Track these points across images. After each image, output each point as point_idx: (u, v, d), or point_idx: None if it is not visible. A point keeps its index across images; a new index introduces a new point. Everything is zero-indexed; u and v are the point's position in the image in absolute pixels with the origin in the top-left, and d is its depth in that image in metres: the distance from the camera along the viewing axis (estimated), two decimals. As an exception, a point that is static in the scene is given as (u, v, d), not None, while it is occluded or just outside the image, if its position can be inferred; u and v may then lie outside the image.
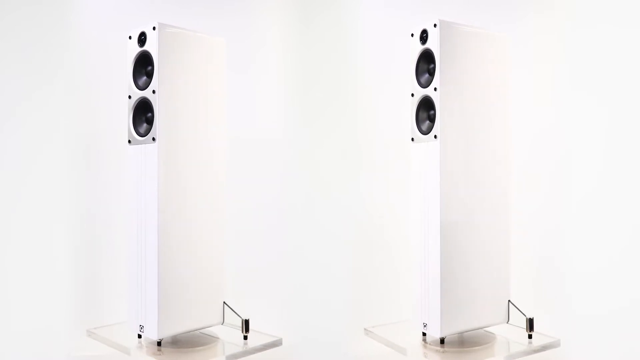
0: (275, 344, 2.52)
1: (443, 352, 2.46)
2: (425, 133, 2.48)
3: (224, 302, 2.52)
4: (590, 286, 2.54)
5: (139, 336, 2.53)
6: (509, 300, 2.49)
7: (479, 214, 2.48)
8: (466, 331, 2.52)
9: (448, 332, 2.45)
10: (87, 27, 2.88)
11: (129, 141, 2.52)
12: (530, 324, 2.47)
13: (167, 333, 2.46)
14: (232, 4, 2.96)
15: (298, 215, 2.77)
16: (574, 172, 2.62)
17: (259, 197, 2.95)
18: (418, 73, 2.51)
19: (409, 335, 2.57)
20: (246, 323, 2.50)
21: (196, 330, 2.56)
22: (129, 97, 2.51)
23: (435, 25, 2.43)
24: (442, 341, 2.48)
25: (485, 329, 2.58)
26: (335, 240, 2.75)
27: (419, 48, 2.51)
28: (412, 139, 2.53)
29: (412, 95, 2.53)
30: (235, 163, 2.81)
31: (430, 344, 2.51)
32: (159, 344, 2.48)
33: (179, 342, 2.53)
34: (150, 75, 2.44)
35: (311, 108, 2.79)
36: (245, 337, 2.51)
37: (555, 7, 2.77)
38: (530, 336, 2.48)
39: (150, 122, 2.44)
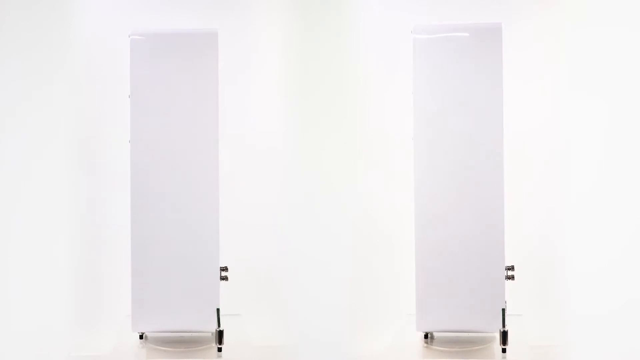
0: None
1: (425, 347, 2.51)
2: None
3: (217, 309, 2.49)
4: (590, 286, 2.54)
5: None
6: (503, 309, 2.44)
7: (463, 217, 2.47)
8: (452, 331, 2.53)
9: (426, 328, 2.50)
10: (88, 26, 2.89)
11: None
12: (504, 337, 2.39)
13: (143, 328, 2.52)
14: (231, 3, 2.96)
15: (299, 217, 2.77)
16: (573, 172, 2.62)
17: (259, 198, 2.95)
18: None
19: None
20: (219, 334, 2.44)
21: (183, 331, 2.56)
22: None
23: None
24: (426, 336, 2.54)
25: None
26: (337, 240, 2.75)
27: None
28: None
29: None
30: (236, 164, 2.81)
31: (425, 339, 2.54)
32: (140, 337, 2.55)
33: (171, 341, 2.55)
34: None
35: (312, 106, 2.79)
36: (220, 349, 2.45)
37: (556, 7, 2.77)
38: (504, 350, 2.40)
39: None
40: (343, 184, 2.75)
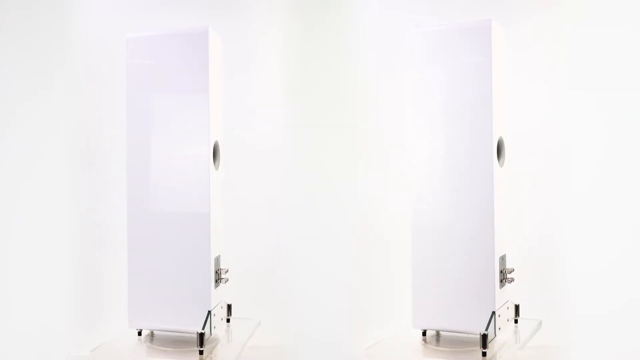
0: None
1: (423, 344, 2.54)
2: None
3: (209, 311, 2.49)
4: (590, 286, 2.54)
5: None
6: (493, 312, 2.43)
7: (457, 217, 2.47)
8: (445, 330, 2.54)
9: (422, 325, 2.53)
10: (88, 27, 2.89)
11: None
12: (483, 339, 2.37)
13: (139, 326, 2.56)
14: (231, 3, 2.97)
15: (299, 217, 2.77)
16: (573, 172, 2.62)
17: (259, 199, 2.95)
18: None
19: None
20: (200, 336, 2.44)
21: (174, 331, 2.57)
22: None
23: None
24: (424, 333, 2.57)
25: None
26: (337, 240, 2.75)
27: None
28: None
29: None
30: (237, 164, 2.81)
31: (424, 337, 2.57)
32: (139, 333, 2.60)
33: (172, 340, 2.56)
34: None
35: (312, 106, 2.79)
36: (201, 352, 2.44)
37: (556, 7, 2.77)
38: (484, 354, 2.37)
39: None
40: (343, 184, 2.75)
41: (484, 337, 2.37)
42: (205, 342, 2.46)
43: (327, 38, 2.78)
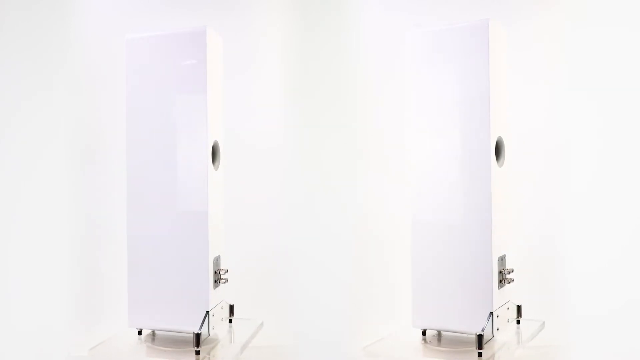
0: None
1: (422, 343, 2.55)
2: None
3: (207, 312, 2.48)
4: (590, 286, 2.54)
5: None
6: (491, 312, 2.43)
7: (454, 219, 2.48)
8: (444, 330, 2.55)
9: (421, 325, 2.55)
10: (88, 27, 2.89)
11: None
12: (479, 340, 2.38)
13: (139, 325, 2.57)
14: (231, 3, 2.96)
15: (298, 216, 2.77)
16: (573, 172, 2.62)
17: (259, 199, 2.95)
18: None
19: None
20: (197, 337, 2.44)
21: (173, 331, 2.57)
22: None
23: None
24: (424, 333, 2.59)
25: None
26: (337, 240, 2.75)
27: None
28: None
29: None
30: (237, 164, 2.81)
31: (425, 337, 2.59)
32: (139, 333, 2.61)
33: (173, 340, 2.56)
34: None
35: (312, 106, 2.79)
36: (197, 352, 2.44)
37: (556, 7, 2.76)
38: (480, 354, 2.38)
39: None
40: (343, 184, 2.75)
41: (480, 338, 2.37)
42: (203, 342, 2.46)
43: (327, 38, 2.78)
